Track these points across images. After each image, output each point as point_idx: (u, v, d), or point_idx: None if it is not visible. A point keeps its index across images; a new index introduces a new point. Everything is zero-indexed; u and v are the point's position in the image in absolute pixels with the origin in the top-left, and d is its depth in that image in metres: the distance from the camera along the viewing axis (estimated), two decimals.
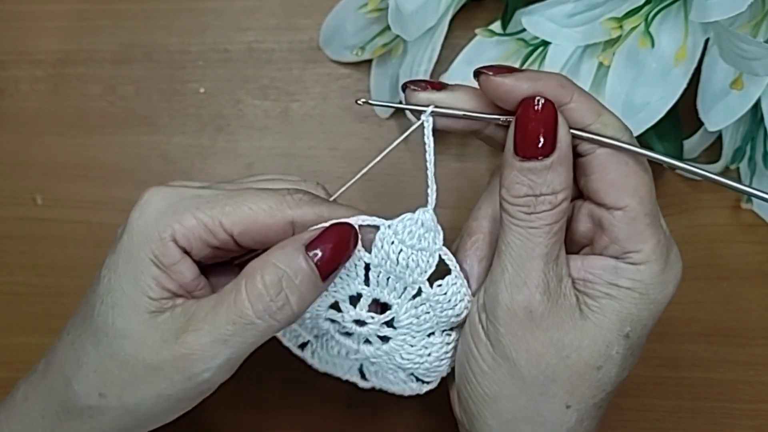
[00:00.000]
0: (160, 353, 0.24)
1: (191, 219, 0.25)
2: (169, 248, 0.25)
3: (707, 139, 0.37)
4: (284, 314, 0.25)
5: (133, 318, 0.25)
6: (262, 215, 0.25)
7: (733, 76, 0.32)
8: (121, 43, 0.41)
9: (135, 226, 0.25)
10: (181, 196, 0.26)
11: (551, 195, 0.25)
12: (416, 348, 0.29)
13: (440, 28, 0.36)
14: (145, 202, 0.26)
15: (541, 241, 0.25)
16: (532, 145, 0.25)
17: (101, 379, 0.25)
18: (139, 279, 0.25)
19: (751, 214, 0.39)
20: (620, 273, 0.26)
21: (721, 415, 0.38)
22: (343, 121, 0.40)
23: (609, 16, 0.32)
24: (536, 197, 0.25)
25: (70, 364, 0.26)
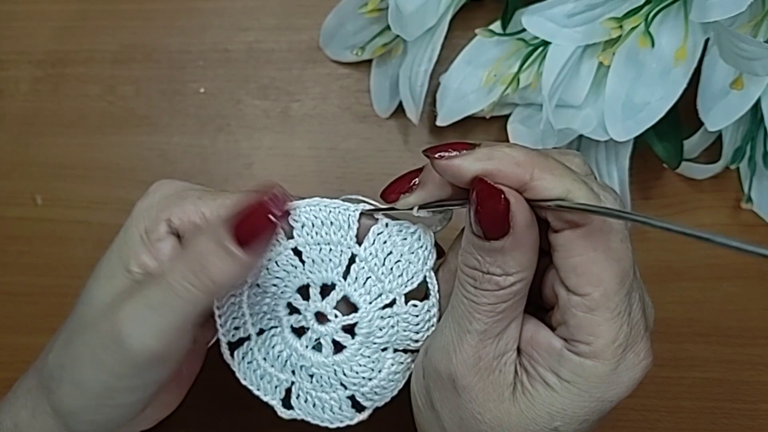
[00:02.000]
0: (104, 321, 0.25)
1: (191, 205, 0.26)
2: (160, 225, 0.26)
3: (707, 139, 0.37)
4: (203, 285, 0.24)
5: (105, 288, 0.26)
6: None
7: (733, 76, 0.32)
8: (121, 43, 0.41)
9: (137, 208, 0.27)
10: (187, 187, 0.27)
11: (500, 276, 0.23)
12: (368, 362, 0.27)
13: (440, 28, 0.36)
14: (152, 189, 0.27)
15: (480, 318, 0.24)
16: (482, 228, 0.23)
17: (65, 350, 0.26)
18: (123, 251, 0.26)
19: (751, 214, 0.39)
20: (563, 362, 0.24)
21: (721, 415, 0.38)
22: (343, 121, 0.40)
23: (609, 16, 0.32)
24: (483, 274, 0.24)
25: (54, 339, 0.27)
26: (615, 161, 0.37)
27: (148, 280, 0.25)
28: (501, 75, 0.35)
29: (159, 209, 0.26)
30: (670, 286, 0.39)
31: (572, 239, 0.23)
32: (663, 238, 0.39)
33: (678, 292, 0.39)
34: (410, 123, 0.38)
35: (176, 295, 0.24)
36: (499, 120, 0.38)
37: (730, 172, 0.38)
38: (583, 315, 0.23)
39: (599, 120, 0.34)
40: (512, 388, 0.24)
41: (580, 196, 0.22)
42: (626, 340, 0.24)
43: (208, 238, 0.24)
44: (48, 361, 0.26)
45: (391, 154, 0.40)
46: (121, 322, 0.24)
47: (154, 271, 0.25)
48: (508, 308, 0.24)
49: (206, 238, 0.24)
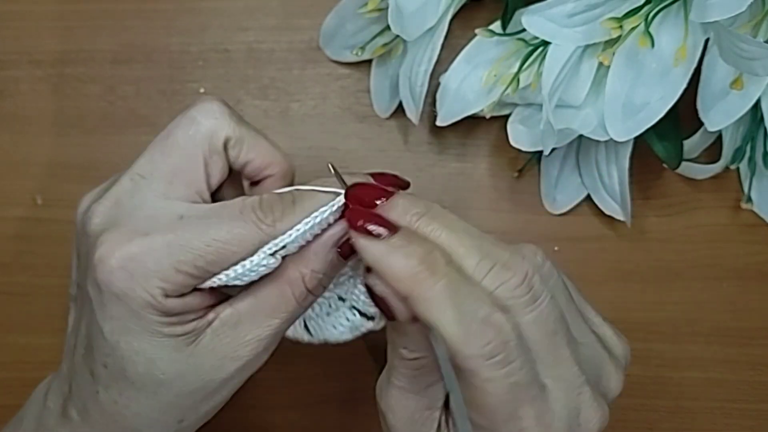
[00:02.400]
0: (226, 366, 0.26)
1: (177, 275, 0.24)
2: (171, 303, 0.24)
3: (707, 139, 0.37)
4: (314, 300, 0.27)
5: (180, 359, 0.25)
6: (236, 246, 0.25)
7: (733, 76, 0.32)
8: (121, 43, 0.41)
9: (121, 293, 0.24)
10: (146, 248, 0.24)
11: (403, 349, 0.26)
12: (324, 302, 0.30)
13: (440, 28, 0.36)
14: (103, 259, 0.24)
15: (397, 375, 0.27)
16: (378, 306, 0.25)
17: (174, 412, 0.26)
18: (162, 332, 0.25)
19: (751, 214, 0.39)
20: None
21: (721, 415, 0.38)
22: (343, 121, 0.40)
23: (609, 16, 0.32)
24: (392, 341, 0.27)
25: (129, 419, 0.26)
26: (615, 161, 0.37)
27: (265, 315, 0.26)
28: (501, 75, 0.35)
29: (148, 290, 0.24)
30: (670, 286, 0.39)
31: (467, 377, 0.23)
32: (663, 239, 0.39)
33: (678, 292, 0.39)
34: (410, 123, 0.38)
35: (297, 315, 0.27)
36: (499, 120, 0.38)
37: (730, 172, 0.38)
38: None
39: (599, 120, 0.34)
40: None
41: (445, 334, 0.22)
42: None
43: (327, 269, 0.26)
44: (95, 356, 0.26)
45: (391, 154, 0.40)
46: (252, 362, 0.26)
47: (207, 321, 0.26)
48: (420, 375, 0.26)
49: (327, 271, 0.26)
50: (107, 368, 0.25)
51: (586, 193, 0.39)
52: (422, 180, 0.40)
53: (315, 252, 0.26)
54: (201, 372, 0.26)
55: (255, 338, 0.26)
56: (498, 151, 0.40)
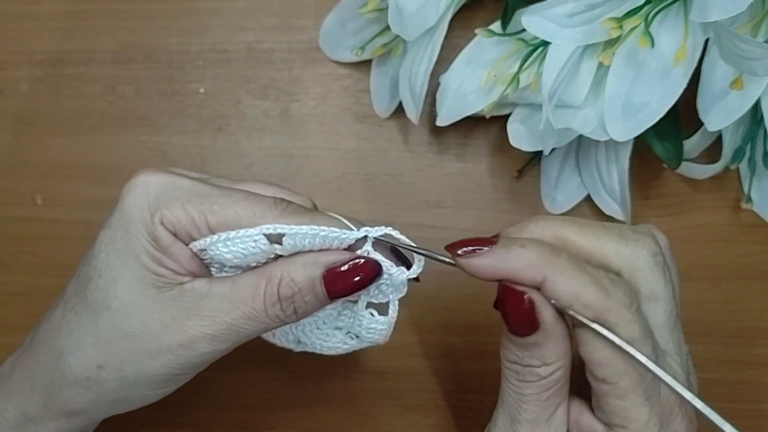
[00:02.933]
0: (170, 331, 0.25)
1: (180, 209, 0.25)
2: (161, 231, 0.25)
3: (707, 139, 0.37)
4: (291, 320, 0.27)
5: (137, 292, 0.25)
6: (246, 220, 0.25)
7: (733, 76, 0.32)
8: (120, 43, 0.41)
9: (127, 205, 0.26)
10: (173, 185, 0.26)
11: (540, 368, 0.25)
12: (320, 332, 0.30)
13: (440, 28, 0.36)
14: (140, 182, 0.26)
15: (527, 408, 0.26)
16: (514, 327, 0.25)
17: (101, 351, 0.26)
18: (140, 256, 0.25)
19: (751, 214, 0.39)
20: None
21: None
22: (343, 121, 0.40)
23: (609, 16, 0.32)
24: (523, 367, 0.25)
25: (62, 338, 0.26)
26: (615, 161, 0.37)
27: (232, 302, 0.26)
28: (501, 75, 0.35)
29: (150, 211, 0.25)
30: None
31: (591, 336, 0.24)
32: None
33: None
34: (410, 123, 0.38)
35: (264, 326, 0.26)
36: (499, 120, 0.38)
37: (730, 172, 0.38)
38: (614, 402, 0.24)
39: (599, 120, 0.34)
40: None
41: (588, 300, 0.23)
42: (660, 420, 0.25)
43: (305, 289, 0.26)
44: (71, 364, 0.26)
45: (391, 154, 0.40)
46: (197, 341, 0.26)
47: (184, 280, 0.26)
48: (553, 395, 0.25)
49: (304, 289, 0.26)
50: (78, 278, 0.27)
51: (586, 193, 0.39)
52: (422, 180, 0.40)
53: (303, 263, 0.26)
54: (147, 320, 0.25)
55: (210, 317, 0.26)
56: (498, 151, 0.40)
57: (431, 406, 0.38)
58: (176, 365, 0.26)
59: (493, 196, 0.40)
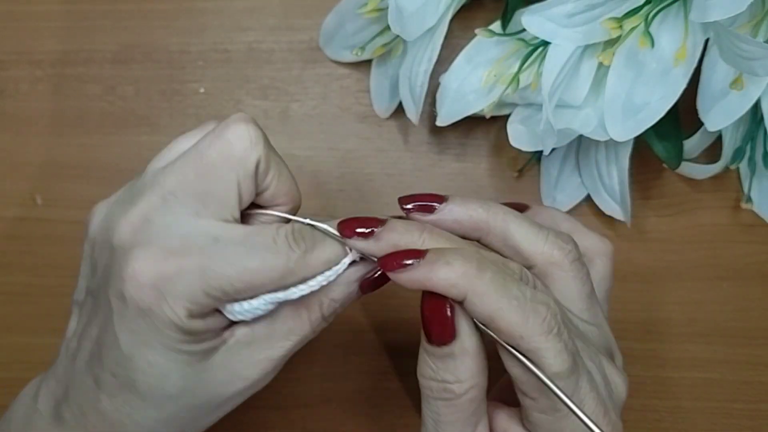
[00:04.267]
0: (233, 382, 0.26)
1: (206, 298, 0.24)
2: (194, 323, 0.24)
3: (707, 139, 0.37)
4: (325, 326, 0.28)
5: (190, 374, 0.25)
6: (261, 276, 0.25)
7: (733, 76, 0.32)
8: (121, 43, 0.41)
9: (142, 306, 0.24)
10: (179, 269, 0.24)
11: (453, 384, 0.24)
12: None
13: (440, 28, 0.36)
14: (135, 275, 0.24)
15: (444, 428, 0.25)
16: (431, 332, 0.24)
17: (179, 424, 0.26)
18: (180, 350, 0.25)
19: (751, 214, 0.39)
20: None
21: (721, 415, 0.38)
22: (343, 121, 0.40)
23: (609, 16, 0.32)
24: (438, 383, 0.25)
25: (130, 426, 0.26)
26: (615, 161, 0.37)
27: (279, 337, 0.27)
28: (501, 75, 0.35)
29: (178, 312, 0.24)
30: (670, 286, 0.39)
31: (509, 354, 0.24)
32: (663, 239, 0.39)
33: (678, 292, 0.39)
34: (410, 123, 0.38)
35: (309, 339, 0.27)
36: (498, 120, 0.38)
37: (730, 172, 0.38)
38: (538, 415, 0.25)
39: (599, 120, 0.34)
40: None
41: (502, 326, 0.23)
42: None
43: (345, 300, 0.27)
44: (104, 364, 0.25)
45: (391, 154, 0.40)
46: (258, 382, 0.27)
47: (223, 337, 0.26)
48: (471, 415, 0.25)
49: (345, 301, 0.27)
50: (116, 377, 0.25)
51: (586, 193, 0.39)
52: (422, 180, 0.40)
53: (338, 283, 0.26)
54: (209, 388, 0.26)
55: (266, 358, 0.26)
56: (498, 151, 0.40)
57: None
58: (243, 399, 0.27)
59: (493, 196, 0.40)
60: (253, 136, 0.26)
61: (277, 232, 0.25)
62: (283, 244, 0.25)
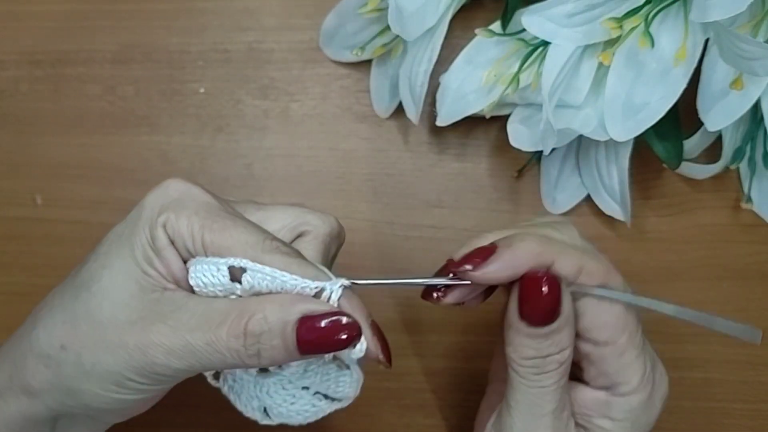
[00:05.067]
0: (133, 328, 0.25)
1: (184, 218, 0.25)
2: (160, 232, 0.25)
3: (707, 139, 0.37)
4: (251, 362, 0.25)
5: (121, 283, 0.25)
6: (237, 247, 0.25)
7: (733, 76, 0.32)
8: (120, 43, 0.41)
9: (145, 202, 0.26)
10: (191, 195, 0.26)
11: (558, 354, 0.26)
12: (285, 393, 0.29)
13: (440, 28, 0.36)
14: (164, 186, 0.26)
15: (550, 399, 0.27)
16: (539, 317, 0.26)
17: (67, 331, 0.26)
18: (135, 250, 0.26)
19: (751, 214, 0.39)
20: (612, 407, 0.28)
21: (721, 415, 0.38)
22: (343, 121, 0.40)
23: (609, 16, 0.32)
24: (543, 359, 0.26)
25: (42, 310, 0.27)
26: (615, 161, 0.37)
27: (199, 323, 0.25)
28: (501, 75, 0.35)
29: (159, 212, 0.26)
30: (670, 286, 0.39)
31: (595, 302, 0.27)
32: (663, 239, 0.39)
33: (678, 292, 0.39)
34: (410, 123, 0.38)
35: (222, 359, 0.25)
36: (499, 120, 0.38)
37: (730, 172, 0.38)
38: (617, 360, 0.27)
39: (599, 120, 0.34)
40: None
41: (592, 269, 0.26)
42: (652, 364, 0.28)
43: (274, 331, 0.24)
44: (39, 337, 0.26)
45: (391, 154, 0.40)
46: (153, 347, 0.25)
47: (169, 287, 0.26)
48: (566, 380, 0.27)
49: (274, 331, 0.24)
50: (78, 274, 0.27)
51: (586, 193, 0.39)
52: (422, 180, 0.40)
53: (281, 302, 0.25)
54: (117, 312, 0.25)
55: (172, 328, 0.25)
56: (498, 151, 0.40)
57: (431, 406, 0.38)
58: (130, 367, 0.25)
59: (493, 196, 0.40)
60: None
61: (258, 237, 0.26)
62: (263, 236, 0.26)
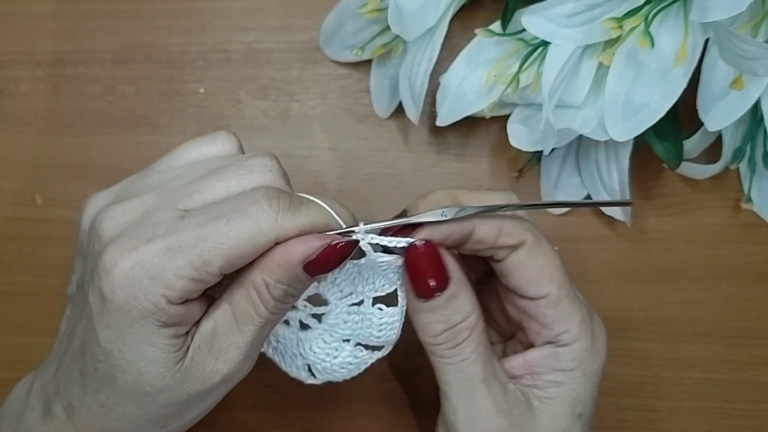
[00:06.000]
0: (208, 377, 0.26)
1: (178, 281, 0.23)
2: (172, 310, 0.24)
3: (707, 139, 0.37)
4: (290, 303, 0.26)
5: (166, 374, 0.25)
6: (246, 246, 0.24)
7: (733, 76, 0.32)
8: (121, 43, 0.41)
9: (117, 301, 0.24)
10: (147, 255, 0.23)
11: (465, 321, 0.27)
12: (327, 347, 0.30)
13: (440, 28, 0.36)
14: (108, 268, 0.24)
15: (474, 370, 0.27)
16: (429, 287, 0.26)
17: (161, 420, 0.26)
18: (157, 344, 0.24)
19: (751, 214, 0.39)
20: (559, 358, 0.28)
21: (721, 415, 0.38)
22: (343, 121, 0.40)
23: (609, 16, 0.32)
24: (453, 329, 0.27)
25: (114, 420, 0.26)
26: (615, 161, 0.37)
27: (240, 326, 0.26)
28: (501, 75, 0.35)
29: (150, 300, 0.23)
30: (670, 286, 0.39)
31: (519, 258, 0.28)
32: (663, 239, 0.39)
33: (678, 292, 0.39)
34: (410, 123, 0.38)
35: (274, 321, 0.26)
36: (498, 120, 0.38)
37: (730, 172, 0.38)
38: (552, 311, 0.28)
39: (599, 120, 0.34)
40: (530, 408, 0.28)
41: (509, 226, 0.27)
42: (588, 313, 0.29)
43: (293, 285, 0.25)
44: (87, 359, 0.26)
45: (391, 154, 0.40)
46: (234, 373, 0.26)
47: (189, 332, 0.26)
48: (485, 347, 0.28)
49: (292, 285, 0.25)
50: (97, 372, 0.25)
51: (586, 193, 0.39)
52: (422, 180, 0.40)
53: (279, 264, 0.25)
54: (186, 384, 0.25)
55: (233, 346, 0.26)
56: (498, 151, 0.40)
57: (431, 406, 0.38)
58: (224, 391, 0.27)
59: None
60: (273, 169, 0.27)
61: (246, 196, 0.25)
62: (252, 205, 0.24)
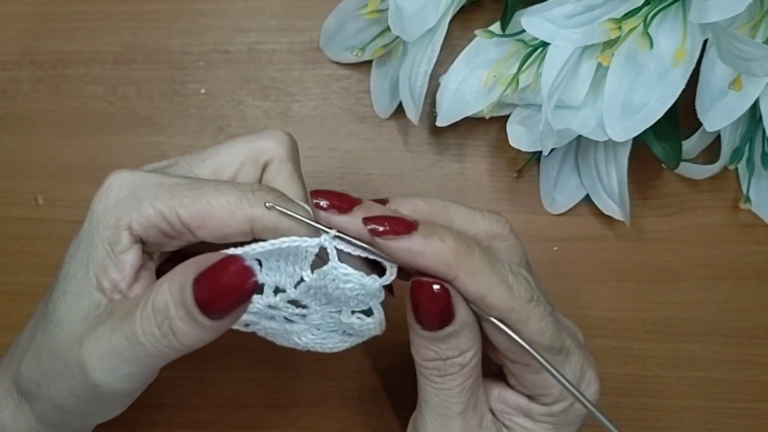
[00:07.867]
0: (72, 351, 0.24)
1: (149, 208, 0.24)
2: (122, 236, 0.24)
3: (706, 140, 0.37)
4: (170, 344, 0.23)
5: (74, 308, 0.24)
6: (221, 211, 0.24)
7: (732, 77, 0.32)
8: (122, 44, 0.41)
9: (95, 212, 0.25)
10: (141, 183, 0.25)
11: (459, 357, 0.25)
12: (315, 337, 0.29)
13: (440, 29, 0.36)
14: (107, 187, 0.25)
15: (455, 401, 0.26)
16: (430, 322, 0.25)
17: (37, 367, 0.25)
18: (89, 267, 0.24)
19: (751, 214, 0.39)
20: (532, 410, 0.27)
21: (720, 415, 0.38)
22: (343, 122, 0.40)
23: (608, 17, 0.32)
24: (444, 361, 0.25)
25: (24, 347, 0.26)
26: (614, 162, 0.37)
27: (121, 321, 0.23)
28: (500, 76, 0.35)
29: (116, 215, 0.24)
30: (670, 286, 0.39)
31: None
32: (662, 239, 0.39)
33: (677, 291, 0.39)
34: (410, 124, 0.38)
35: (145, 350, 0.23)
36: (498, 120, 0.38)
37: (728, 173, 0.38)
38: (531, 377, 0.26)
39: (598, 120, 0.34)
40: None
41: (493, 301, 0.24)
42: (579, 366, 0.27)
43: (174, 299, 0.22)
44: (22, 373, 0.26)
45: (391, 154, 0.40)
46: (87, 360, 0.23)
47: (122, 290, 0.25)
48: (474, 381, 0.26)
49: (172, 300, 0.22)
50: (47, 306, 0.26)
51: (585, 193, 0.39)
52: (422, 180, 0.40)
53: (181, 268, 0.23)
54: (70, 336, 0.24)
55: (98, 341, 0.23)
56: (497, 152, 0.40)
57: None
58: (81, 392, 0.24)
59: (493, 196, 0.40)
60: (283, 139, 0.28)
61: (247, 183, 0.26)
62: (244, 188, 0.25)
